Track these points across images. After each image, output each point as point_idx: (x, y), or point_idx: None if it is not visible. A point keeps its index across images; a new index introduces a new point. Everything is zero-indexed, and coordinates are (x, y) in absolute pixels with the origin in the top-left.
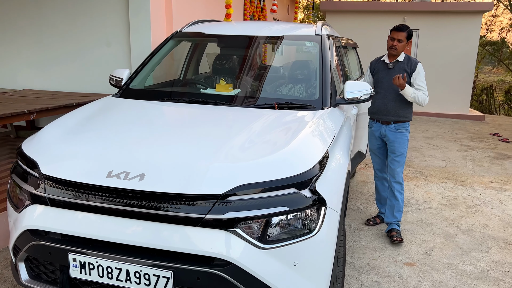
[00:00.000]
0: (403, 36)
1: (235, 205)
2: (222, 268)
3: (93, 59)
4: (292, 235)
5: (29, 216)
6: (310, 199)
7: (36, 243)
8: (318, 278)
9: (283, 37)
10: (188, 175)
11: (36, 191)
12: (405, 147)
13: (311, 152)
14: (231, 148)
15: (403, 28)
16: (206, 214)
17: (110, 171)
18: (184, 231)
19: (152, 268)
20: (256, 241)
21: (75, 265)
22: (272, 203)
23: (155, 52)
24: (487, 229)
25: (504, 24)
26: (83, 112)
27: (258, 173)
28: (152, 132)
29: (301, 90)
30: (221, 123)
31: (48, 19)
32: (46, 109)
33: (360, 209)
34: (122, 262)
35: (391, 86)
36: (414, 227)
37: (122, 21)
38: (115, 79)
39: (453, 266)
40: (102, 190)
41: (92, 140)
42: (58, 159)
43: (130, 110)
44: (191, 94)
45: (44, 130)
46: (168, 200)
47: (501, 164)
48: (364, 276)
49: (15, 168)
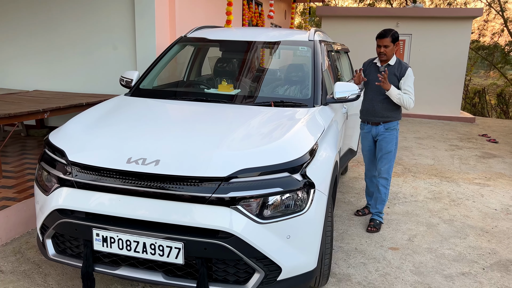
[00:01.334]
0: (388, 41)
1: (237, 186)
2: (226, 240)
3: (100, 61)
4: (285, 213)
5: (57, 197)
6: (301, 182)
7: (63, 221)
8: (308, 250)
9: (279, 42)
10: (196, 161)
11: (64, 176)
12: (392, 145)
13: (302, 143)
14: (233, 139)
15: (386, 34)
16: (212, 194)
17: (130, 157)
18: (193, 208)
19: (166, 240)
20: (255, 217)
21: (98, 239)
22: (268, 184)
23: (162, 55)
24: (467, 219)
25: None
26: (101, 109)
27: (257, 159)
28: (164, 125)
29: (295, 90)
30: (224, 118)
31: (58, 24)
32: (59, 108)
33: (350, 202)
34: (140, 235)
35: (379, 89)
36: (400, 217)
37: (128, 25)
38: (125, 80)
39: (433, 250)
40: (123, 174)
41: (112, 131)
42: (83, 148)
43: (143, 106)
44: (196, 93)
45: (68, 124)
46: (179, 182)
47: (487, 162)
48: (351, 258)
49: (43, 156)
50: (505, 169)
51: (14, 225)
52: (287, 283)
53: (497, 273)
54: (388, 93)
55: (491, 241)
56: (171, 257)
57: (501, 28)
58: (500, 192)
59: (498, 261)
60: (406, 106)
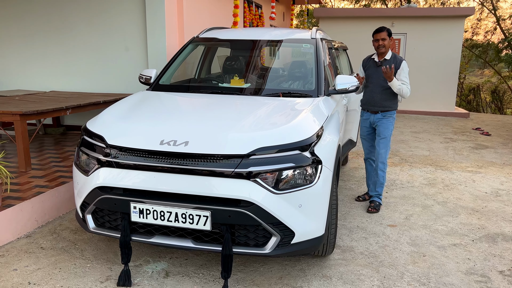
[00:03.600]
0: (385, 34)
1: (255, 162)
2: (247, 208)
3: (112, 62)
4: (297, 185)
5: (97, 177)
6: (310, 159)
7: (104, 197)
8: (317, 217)
9: (284, 40)
10: (220, 141)
11: (103, 158)
12: (388, 131)
13: (310, 126)
14: (250, 122)
15: (382, 29)
16: (234, 169)
17: (162, 140)
18: (218, 181)
19: (195, 210)
20: (271, 188)
21: (135, 212)
22: (282, 160)
23: (177, 54)
24: (459, 201)
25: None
26: (128, 101)
27: (271, 139)
28: (188, 112)
29: (300, 82)
30: (240, 106)
31: (72, 28)
32: (79, 105)
33: (351, 188)
34: (172, 206)
35: (378, 81)
36: (397, 200)
37: (140, 27)
38: (144, 77)
39: (428, 227)
40: (156, 154)
41: (143, 119)
42: (119, 133)
43: (167, 98)
44: (212, 87)
45: (102, 114)
46: (206, 159)
47: (479, 152)
48: (354, 234)
49: (82, 142)
50: (496, 158)
51: (48, 209)
52: (299, 246)
53: (485, 244)
54: (390, 84)
55: (481, 218)
56: (200, 224)
57: (493, 26)
58: (491, 178)
59: (486, 234)
60: (405, 95)
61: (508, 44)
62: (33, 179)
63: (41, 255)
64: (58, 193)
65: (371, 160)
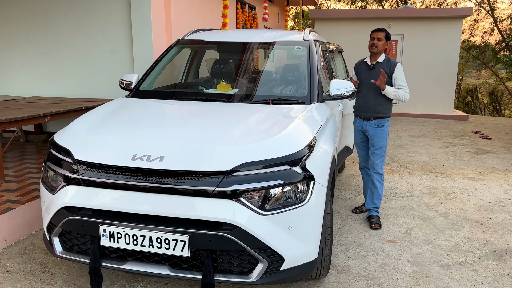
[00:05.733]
0: (382, 35)
1: (240, 179)
2: (230, 231)
3: (98, 66)
4: (286, 204)
5: (64, 195)
6: (301, 174)
7: (70, 218)
8: (309, 240)
9: (274, 42)
10: (199, 156)
11: (70, 174)
12: (384, 141)
13: (301, 137)
14: (234, 134)
15: (382, 29)
16: (215, 187)
17: (134, 154)
18: (197, 201)
19: (171, 233)
20: (257, 209)
21: (105, 235)
22: (269, 177)
23: (160, 58)
24: (462, 212)
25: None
26: (104, 110)
27: (258, 153)
28: (166, 123)
29: (292, 88)
30: (224, 115)
31: (55, 31)
32: (59, 112)
33: (348, 198)
34: (146, 230)
35: (371, 86)
36: (397, 212)
37: (125, 30)
38: (125, 82)
39: (430, 242)
40: (128, 171)
41: (116, 130)
42: (88, 146)
43: (145, 106)
44: (196, 93)
45: (72, 124)
46: (183, 176)
47: (480, 158)
48: (351, 251)
49: (49, 156)
50: (498, 164)
51: (18, 227)
52: (289, 272)
53: (493, 262)
54: (384, 92)
55: (486, 232)
56: (177, 250)
57: (491, 27)
58: (494, 185)
59: (493, 251)
60: (403, 99)
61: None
62: (4, 194)
63: (5, 281)
64: (30, 208)
65: (367, 169)
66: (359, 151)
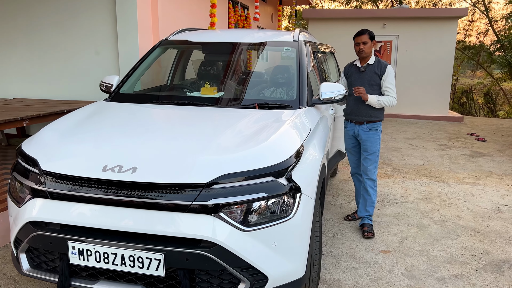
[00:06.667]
0: (366, 38)
1: (219, 192)
2: (208, 249)
3: (82, 67)
4: (270, 219)
5: (30, 209)
6: (287, 186)
7: (37, 234)
8: (295, 257)
9: (262, 43)
10: (175, 167)
11: (37, 186)
12: (377, 146)
13: (287, 145)
14: (214, 143)
15: (363, 31)
16: (193, 201)
17: (105, 165)
18: (173, 217)
19: (145, 251)
20: (238, 224)
21: (74, 252)
22: (252, 190)
23: (142, 59)
24: (458, 220)
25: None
26: (77, 115)
27: (239, 164)
28: (143, 130)
29: (280, 91)
30: (206, 121)
31: (38, 30)
32: (38, 116)
33: (340, 205)
34: (118, 247)
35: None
36: (390, 219)
37: (110, 30)
38: (105, 85)
39: (425, 252)
40: (98, 183)
41: (87, 138)
42: (57, 156)
43: (122, 111)
44: (178, 97)
45: (42, 132)
46: (158, 189)
47: (476, 161)
48: (342, 263)
49: (16, 166)
50: (494, 168)
51: None
52: None
53: (490, 274)
54: (368, 102)
55: (483, 241)
56: (151, 269)
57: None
58: (491, 191)
59: (491, 262)
60: (389, 105)
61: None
62: None
63: None
64: (3, 218)
65: (359, 175)
66: (350, 157)
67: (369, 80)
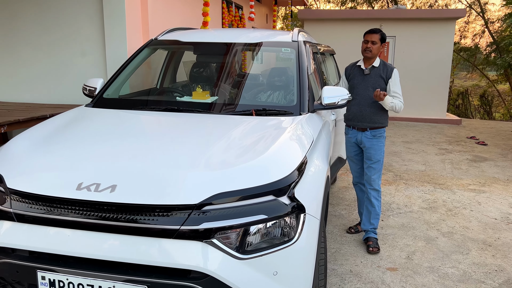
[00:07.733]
0: (377, 38)
1: (212, 214)
2: (199, 281)
3: (67, 69)
4: (271, 244)
5: None
6: (289, 206)
7: (2, 261)
8: (299, 286)
9: (259, 43)
10: (161, 185)
11: (2, 207)
12: (381, 153)
13: (289, 158)
14: (206, 156)
15: (376, 31)
16: (181, 225)
17: (80, 183)
18: (158, 243)
19: (126, 283)
20: (234, 252)
21: (44, 284)
22: (250, 211)
23: (129, 60)
24: (467, 231)
25: (477, 31)
26: (53, 123)
27: (235, 180)
28: (125, 141)
29: (279, 96)
30: (197, 131)
31: (21, 31)
32: (18, 121)
33: (342, 215)
34: (94, 278)
35: (366, 93)
36: (395, 231)
37: (97, 30)
38: (88, 88)
39: (435, 270)
40: (71, 203)
41: (62, 151)
42: (25, 172)
43: (103, 119)
44: (167, 102)
45: (10, 142)
46: (140, 211)
47: (479, 166)
48: (347, 283)
49: None
50: (498, 173)
51: None
52: None
53: None
54: (382, 102)
55: (496, 255)
56: None
57: (481, 29)
58: (497, 198)
59: (507, 280)
60: (398, 110)
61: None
62: None
63: None
64: None
65: (362, 185)
66: (352, 166)
67: (373, 84)
